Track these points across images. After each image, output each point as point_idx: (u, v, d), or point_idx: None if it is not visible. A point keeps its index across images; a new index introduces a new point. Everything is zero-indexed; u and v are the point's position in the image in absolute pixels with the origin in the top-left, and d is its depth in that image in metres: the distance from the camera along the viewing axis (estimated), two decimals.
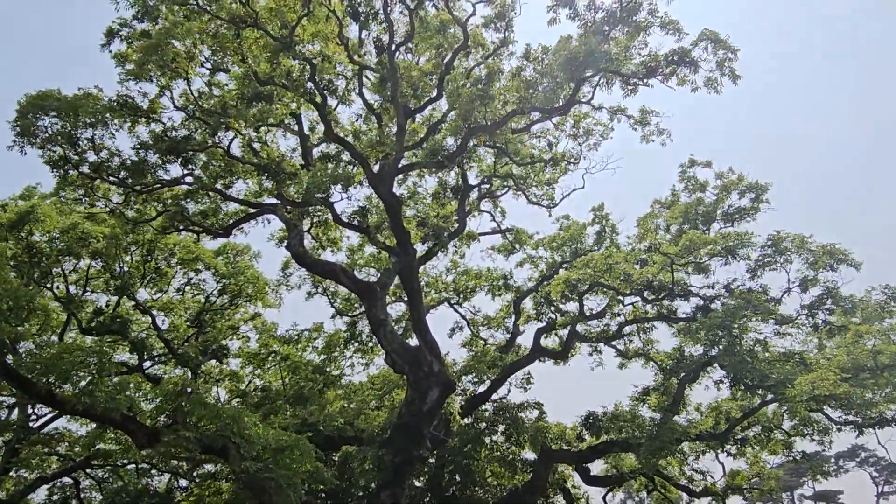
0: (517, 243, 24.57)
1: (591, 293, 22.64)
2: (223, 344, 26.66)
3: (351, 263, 25.86)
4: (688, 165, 22.21)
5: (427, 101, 20.54)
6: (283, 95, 20.06)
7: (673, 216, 22.28)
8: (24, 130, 16.89)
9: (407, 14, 18.36)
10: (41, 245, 24.16)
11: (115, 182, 20.30)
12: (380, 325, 20.89)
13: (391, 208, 19.76)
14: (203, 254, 26.42)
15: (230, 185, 22.06)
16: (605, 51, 16.18)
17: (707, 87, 17.02)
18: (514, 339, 24.75)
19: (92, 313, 25.79)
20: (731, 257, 19.82)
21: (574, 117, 20.60)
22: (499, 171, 22.21)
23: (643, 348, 23.12)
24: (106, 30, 18.95)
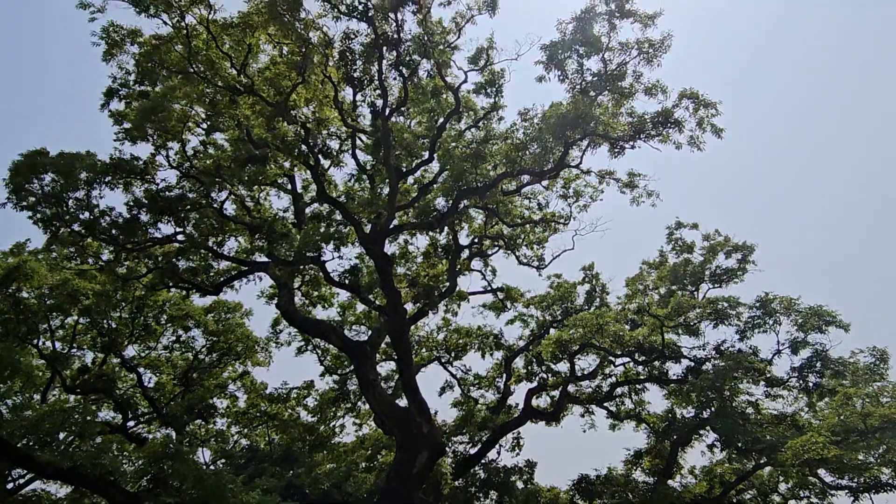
0: (508, 301, 24.60)
1: (582, 353, 22.58)
2: (210, 403, 26.23)
3: (342, 321, 25.75)
4: (675, 227, 22.57)
5: (419, 164, 20.91)
6: (277, 157, 20.39)
7: (661, 277, 22.49)
8: (17, 190, 17.04)
9: (401, 80, 18.90)
10: (29, 301, 24.01)
11: (105, 240, 20.34)
12: (369, 385, 20.65)
13: (382, 268, 19.85)
14: (193, 311, 26.27)
15: (222, 242, 22.12)
16: (594, 114, 16.66)
17: (690, 144, 17.48)
18: (505, 399, 24.49)
19: (77, 371, 25.45)
20: (721, 320, 19.93)
21: (564, 179, 21.00)
22: (489, 231, 22.45)
23: (635, 410, 22.93)
24: (105, 90, 19.37)
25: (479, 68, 19.46)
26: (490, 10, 17.96)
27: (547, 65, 16.76)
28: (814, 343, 19.87)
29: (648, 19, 16.39)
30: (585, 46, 16.55)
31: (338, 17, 17.22)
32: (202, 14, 16.99)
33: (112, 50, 17.36)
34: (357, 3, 16.95)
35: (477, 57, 19.21)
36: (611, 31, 16.56)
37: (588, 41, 16.41)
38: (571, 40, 16.47)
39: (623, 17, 16.46)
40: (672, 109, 17.07)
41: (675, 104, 17.10)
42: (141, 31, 17.67)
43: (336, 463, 25.58)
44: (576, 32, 16.37)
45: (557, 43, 16.57)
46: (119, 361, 26.42)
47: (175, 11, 16.51)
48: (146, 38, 17.50)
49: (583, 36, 16.36)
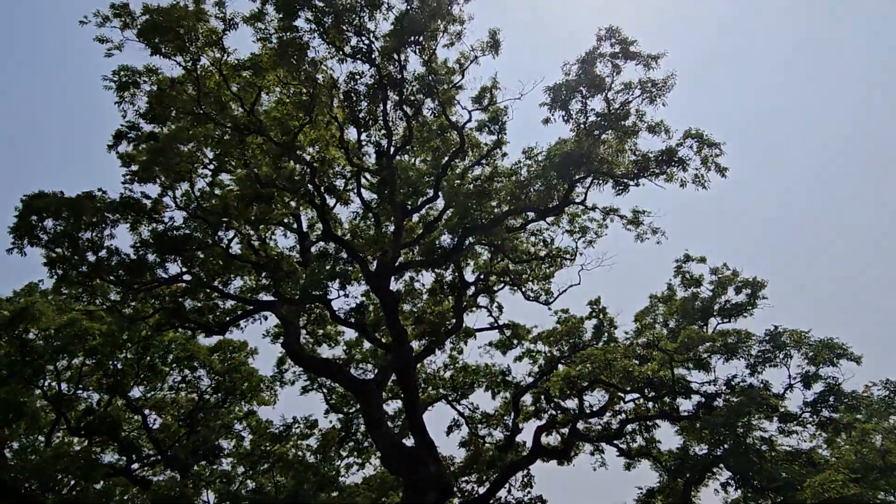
0: (515, 338, 24.41)
1: (591, 390, 22.31)
2: (215, 444, 25.94)
3: (348, 359, 25.58)
4: (683, 261, 22.49)
5: (424, 201, 21.02)
6: (284, 196, 20.55)
7: (670, 311, 22.32)
8: (25, 232, 17.17)
9: (405, 119, 19.15)
10: (36, 343, 24.01)
11: (113, 280, 20.41)
12: (375, 424, 20.37)
13: (388, 306, 19.79)
14: (198, 350, 26.19)
15: (228, 282, 22.15)
16: (597, 153, 16.79)
17: (695, 183, 17.52)
18: (513, 437, 24.10)
19: (82, 412, 25.28)
20: (732, 355, 19.72)
21: (570, 215, 21.06)
22: (495, 267, 22.42)
23: (646, 447, 22.50)
24: (115, 132, 19.65)
25: (483, 107, 19.73)
26: (493, 51, 18.30)
27: (551, 106, 16.98)
28: (826, 377, 19.60)
29: (651, 60, 16.63)
30: (589, 87, 16.78)
31: (343, 59, 17.57)
32: (216, 56, 17.34)
33: (123, 93, 17.67)
34: (361, 45, 17.28)
35: (481, 96, 19.49)
36: (614, 72, 16.81)
37: (592, 82, 16.64)
38: (576, 81, 16.72)
39: (627, 59, 16.72)
40: (676, 148, 17.16)
41: (678, 143, 17.21)
42: (157, 69, 18.02)
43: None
44: (580, 74, 16.63)
45: (561, 84, 16.81)
46: (124, 403, 26.27)
47: (188, 54, 16.85)
48: (158, 77, 17.83)
49: (587, 77, 16.61)
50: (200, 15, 16.50)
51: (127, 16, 16.04)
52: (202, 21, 16.59)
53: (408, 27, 16.46)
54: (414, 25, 16.46)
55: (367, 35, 16.94)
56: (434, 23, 16.79)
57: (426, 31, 16.72)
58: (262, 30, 16.91)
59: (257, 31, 16.87)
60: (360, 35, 16.93)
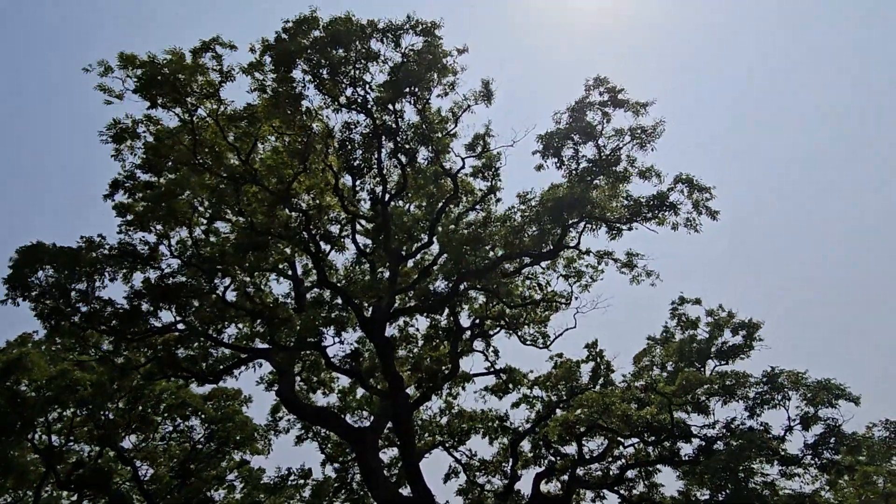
0: (511, 383, 24.16)
1: (589, 435, 22.02)
2: (207, 496, 25.37)
3: (343, 406, 25.27)
4: (678, 303, 22.55)
5: (419, 247, 21.13)
6: (279, 244, 20.62)
7: (668, 354, 22.26)
8: (19, 283, 17.12)
9: (400, 167, 19.41)
10: (27, 394, 23.67)
11: (105, 331, 20.26)
12: (371, 473, 20.01)
13: (383, 352, 19.67)
14: (191, 399, 25.84)
15: (222, 329, 22.00)
16: (590, 198, 17.02)
17: (687, 226, 17.70)
18: (512, 484, 23.62)
19: (72, 465, 24.76)
20: (730, 397, 19.60)
21: (565, 259, 21.17)
22: (491, 311, 22.39)
23: (648, 493, 22.09)
24: (111, 181, 19.75)
25: (477, 154, 20.04)
26: (486, 101, 18.70)
27: (544, 153, 17.30)
28: (825, 418, 19.45)
29: (640, 107, 17.04)
30: (580, 134, 17.14)
31: (338, 108, 17.89)
32: (212, 108, 17.63)
33: (119, 144, 17.86)
34: (357, 96, 17.64)
35: (474, 144, 19.82)
36: (604, 119, 17.19)
37: (583, 130, 17.01)
38: (567, 129, 17.07)
39: (616, 107, 17.12)
40: (667, 193, 17.45)
41: (670, 188, 17.50)
42: (157, 120, 18.25)
43: None
44: (571, 122, 16.99)
45: (553, 133, 17.17)
46: (115, 454, 25.75)
47: (185, 105, 17.12)
48: (157, 128, 18.05)
49: (577, 125, 16.97)
50: (198, 68, 16.84)
51: (130, 66, 16.31)
52: (200, 73, 16.92)
53: (403, 78, 16.84)
54: (409, 77, 16.84)
55: (362, 86, 17.33)
56: (429, 74, 17.19)
57: (421, 81, 17.10)
58: (258, 80, 17.25)
59: (255, 81, 17.21)
60: (355, 86, 17.31)
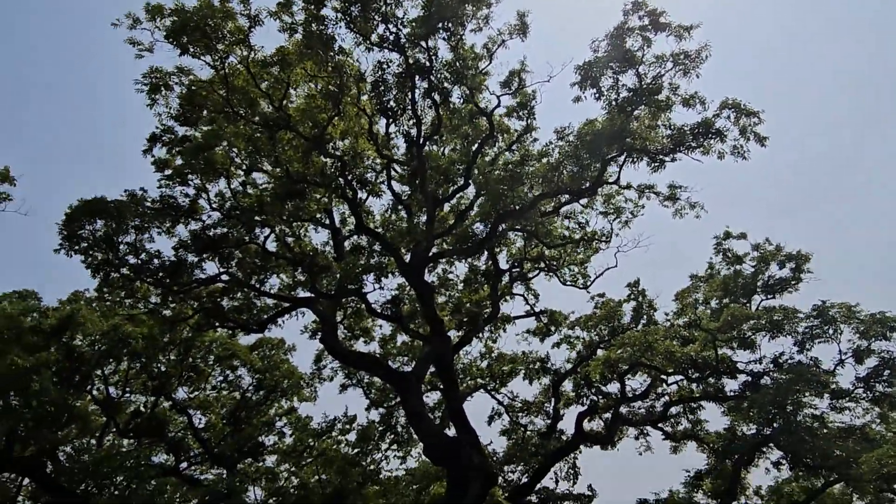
0: (552, 325, 24.14)
1: (632, 373, 21.95)
2: (259, 441, 26.25)
3: (385, 353, 25.64)
4: (723, 238, 21.96)
5: (455, 190, 20.93)
6: (316, 192, 20.64)
7: (712, 290, 21.82)
8: (71, 236, 17.57)
9: (434, 108, 19.07)
10: (82, 349, 24.53)
11: (153, 283, 20.77)
12: (416, 416, 20.37)
13: (423, 297, 19.76)
14: (239, 350, 26.50)
15: (264, 280, 22.36)
16: (630, 129, 16.48)
17: (734, 154, 17.03)
18: (555, 424, 23.87)
19: (130, 415, 25.79)
20: (777, 332, 19.18)
21: (604, 196, 20.75)
22: (529, 253, 22.21)
23: (692, 430, 22.07)
24: (149, 136, 19.97)
25: (512, 91, 19.53)
26: (521, 35, 18.09)
27: (582, 84, 16.67)
28: (879, 351, 18.95)
29: (684, 31, 16.22)
30: (620, 62, 16.45)
31: (370, 48, 17.53)
32: (243, 54, 17.48)
33: (154, 95, 17.92)
34: (389, 33, 17.24)
35: (509, 81, 19.29)
36: (645, 45, 16.45)
37: (622, 57, 16.32)
38: (606, 57, 16.40)
39: (657, 31, 16.34)
40: (713, 120, 16.72)
41: (715, 114, 16.75)
42: (188, 70, 18.22)
43: (386, 497, 25.21)
44: (610, 49, 16.30)
45: (591, 61, 16.51)
46: (170, 404, 26.74)
47: (216, 53, 17.01)
48: (189, 79, 18.03)
49: (617, 52, 16.28)
50: (226, 12, 16.63)
51: (158, 16, 16.22)
52: (229, 19, 16.72)
53: (436, 13, 16.34)
54: (442, 10, 16.33)
55: (394, 22, 16.89)
56: (462, 7, 16.64)
57: (454, 16, 16.58)
58: (287, 22, 16.97)
59: (283, 24, 16.93)
60: (387, 23, 16.89)
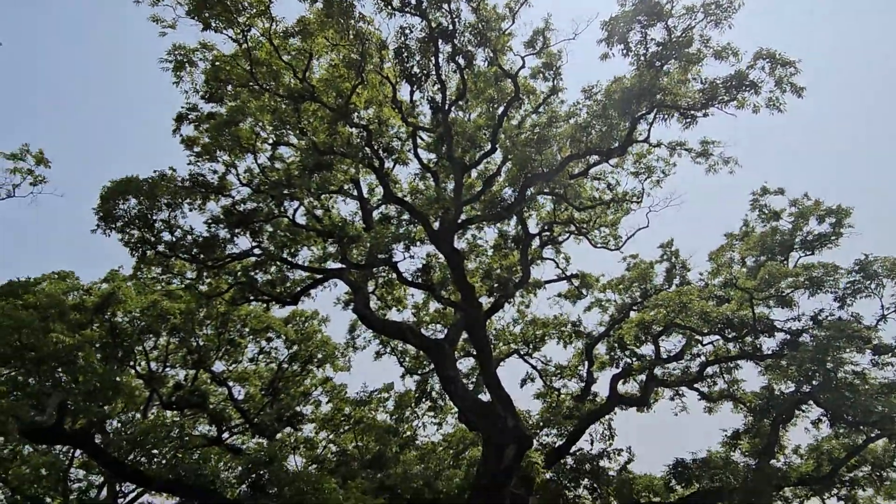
0: (584, 288, 24.00)
1: (666, 334, 21.76)
2: (297, 410, 26.85)
3: (417, 321, 25.84)
4: (759, 194, 21.40)
5: (482, 155, 20.73)
6: (342, 163, 20.65)
7: (748, 248, 21.36)
8: (107, 215, 17.93)
9: (458, 72, 18.80)
10: (123, 325, 25.24)
11: (188, 258, 21.17)
12: (450, 382, 20.56)
13: (453, 263, 19.76)
14: (273, 322, 26.99)
15: (296, 253, 22.62)
16: (660, 84, 16.03)
17: (769, 107, 16.47)
18: (589, 387, 23.88)
19: (172, 388, 26.57)
20: (817, 289, 18.76)
21: (635, 155, 20.33)
22: (559, 216, 21.97)
23: (729, 389, 21.87)
24: (176, 115, 20.17)
25: (536, 51, 19.12)
26: None
27: (608, 40, 16.20)
28: None
29: None
30: (648, 16, 15.90)
31: (391, 13, 17.28)
32: (264, 26, 17.40)
33: (180, 70, 18.00)
34: None
35: (533, 40, 18.88)
36: None
37: (650, 10, 15.77)
38: (633, 11, 15.88)
39: None
40: (746, 71, 16.13)
41: (749, 66, 16.13)
42: (212, 45, 18.26)
43: (424, 462, 25.67)
44: (637, 2, 15.77)
45: (618, 16, 16.01)
46: (209, 377, 27.46)
47: (238, 26, 16.96)
48: (213, 54, 18.06)
49: (644, 5, 15.74)
50: None
51: None
52: None
53: None
54: None
55: None
56: None
57: None
58: None
59: None
60: None
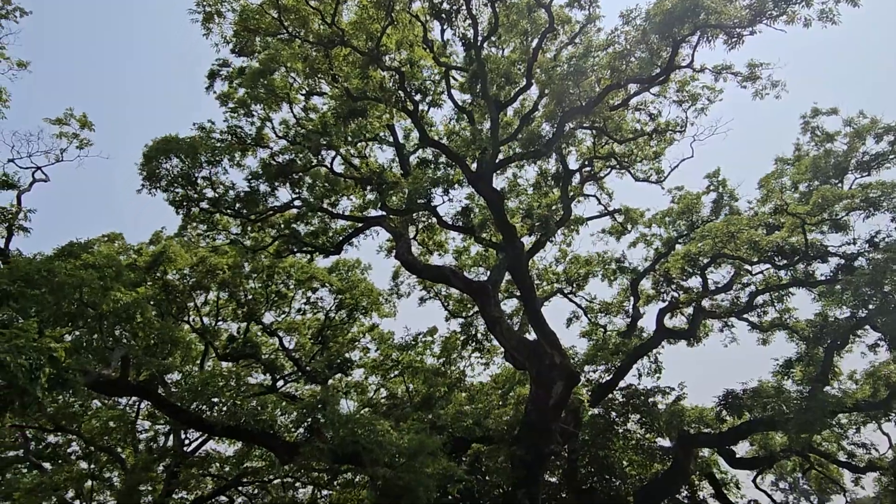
0: (628, 223, 23.59)
1: (714, 265, 21.31)
2: (346, 357, 27.53)
3: (459, 265, 25.92)
4: (811, 115, 20.38)
5: (517, 92, 20.21)
6: (376, 108, 20.44)
7: (799, 172, 20.52)
8: (150, 175, 18.25)
9: (490, 4, 18.18)
10: (175, 283, 26.03)
11: (231, 214, 21.53)
12: (495, 322, 20.71)
13: (493, 204, 19.59)
14: (318, 273, 27.45)
15: (336, 203, 22.77)
16: (704, 4, 15.20)
17: (821, 19, 15.48)
18: (635, 322, 23.75)
19: (226, 340, 27.48)
20: (874, 210, 17.98)
21: (678, 82, 19.52)
22: (599, 151, 21.44)
23: (780, 318, 21.43)
24: (208, 72, 20.20)
25: None
26: None
27: None
28: None
29: None
30: None
31: None
32: None
33: (209, 22, 17.88)
34: None
35: None
36: None
37: None
38: None
39: None
40: None
41: None
42: None
43: (473, 402, 26.16)
44: None
45: None
46: (260, 328, 28.28)
47: None
48: (242, 4, 17.85)
49: None
50: None
51: None
52: None
53: None
54: None
55: None
56: None
57: None
58: None
59: None
60: None
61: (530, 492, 18.20)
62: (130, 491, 25.03)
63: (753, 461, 22.23)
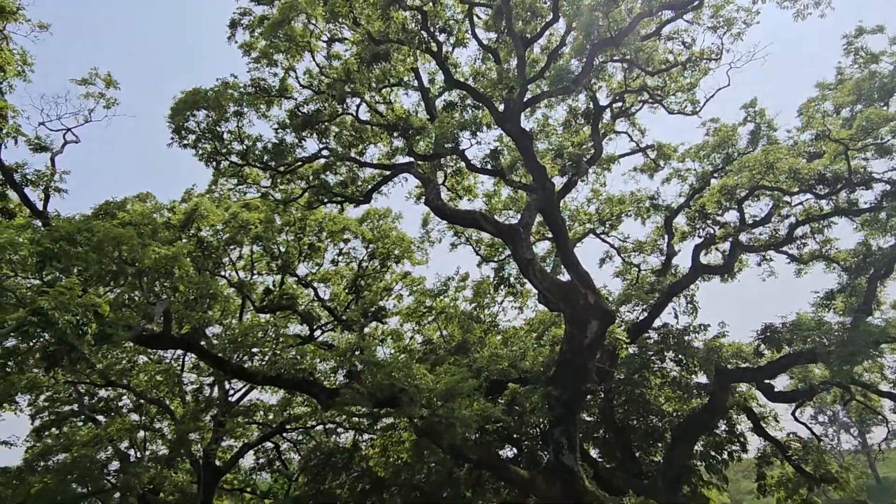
0: (661, 159, 22.99)
1: (752, 198, 20.76)
2: (381, 305, 27.86)
3: (490, 209, 25.74)
4: (854, 35, 19.32)
5: (544, 27, 19.53)
6: (400, 52, 20.01)
7: (842, 96, 19.62)
8: (179, 127, 18.29)
9: None
10: (209, 239, 26.43)
11: (260, 166, 21.58)
12: (528, 265, 20.58)
13: (522, 145, 19.23)
14: (349, 223, 27.59)
15: (363, 151, 22.64)
16: None
17: None
18: (669, 260, 23.43)
19: (262, 293, 28.01)
20: None
21: (713, 7, 18.62)
22: (631, 85, 20.75)
23: (821, 249, 20.91)
24: (229, 22, 19.95)
25: None
26: None
27: None
28: None
29: None
30: None
31: None
32: None
33: None
34: None
35: None
36: None
37: None
38: None
39: None
40: None
41: None
42: None
43: (508, 345, 26.39)
44: None
45: None
46: (295, 280, 28.71)
47: None
48: None
49: None
50: None
51: None
52: None
53: None
54: None
55: None
56: None
57: None
58: None
59: None
60: None
61: (567, 430, 18.41)
62: (181, 440, 26.15)
63: (792, 394, 22.11)
